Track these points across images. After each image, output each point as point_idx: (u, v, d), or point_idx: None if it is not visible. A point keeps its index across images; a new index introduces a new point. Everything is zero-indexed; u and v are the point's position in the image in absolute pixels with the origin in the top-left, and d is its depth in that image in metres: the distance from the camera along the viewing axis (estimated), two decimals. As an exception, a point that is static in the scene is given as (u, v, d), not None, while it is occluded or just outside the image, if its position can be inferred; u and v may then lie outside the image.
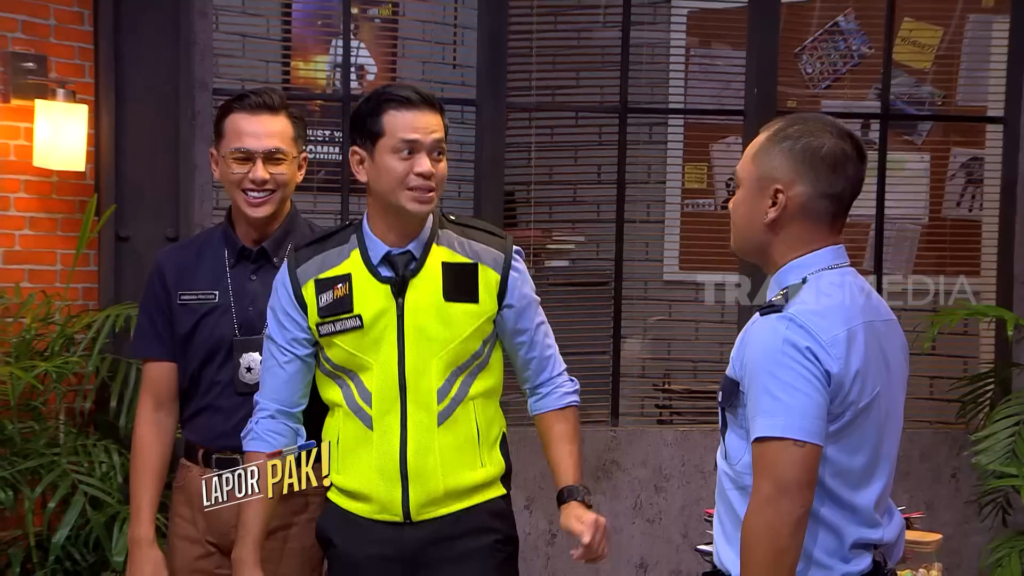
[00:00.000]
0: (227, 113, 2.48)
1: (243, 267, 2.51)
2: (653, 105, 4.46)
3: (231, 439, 2.43)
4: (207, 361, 2.49)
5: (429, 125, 2.27)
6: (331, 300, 2.32)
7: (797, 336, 1.82)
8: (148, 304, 2.56)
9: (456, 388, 2.33)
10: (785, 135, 1.94)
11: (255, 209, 2.46)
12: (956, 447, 4.09)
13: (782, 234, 1.93)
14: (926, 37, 4.43)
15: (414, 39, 4.42)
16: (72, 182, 3.70)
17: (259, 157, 2.43)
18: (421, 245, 2.32)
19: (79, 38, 3.73)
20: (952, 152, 4.47)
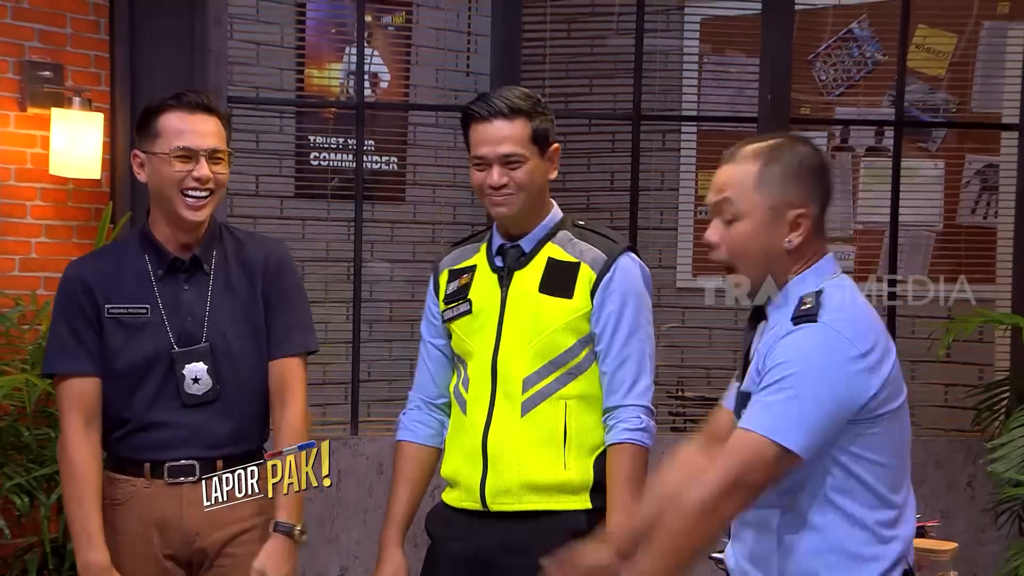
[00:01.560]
0: (160, 112, 2.38)
1: (173, 278, 2.42)
2: (666, 112, 4.46)
3: (182, 450, 2.38)
4: (143, 375, 2.39)
5: (496, 137, 2.33)
6: (456, 288, 2.44)
7: (837, 348, 1.82)
8: (70, 316, 2.40)
9: (546, 382, 2.35)
10: (776, 157, 1.91)
11: (195, 212, 2.37)
12: (971, 455, 4.07)
13: (798, 256, 1.92)
14: (941, 44, 4.42)
15: (428, 47, 4.43)
16: (88, 190, 3.72)
17: (203, 155, 2.35)
18: (533, 241, 2.40)
19: (95, 47, 3.75)
20: (967, 159, 4.46)
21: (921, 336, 4.21)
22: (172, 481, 2.38)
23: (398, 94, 4.49)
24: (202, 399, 2.39)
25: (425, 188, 4.39)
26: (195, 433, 2.38)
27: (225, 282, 2.44)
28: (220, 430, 2.40)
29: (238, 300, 2.44)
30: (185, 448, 2.38)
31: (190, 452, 2.38)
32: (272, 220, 4.09)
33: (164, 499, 2.38)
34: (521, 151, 2.33)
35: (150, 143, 2.38)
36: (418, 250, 4.30)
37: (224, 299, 2.43)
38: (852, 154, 4.49)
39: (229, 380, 2.41)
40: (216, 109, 2.41)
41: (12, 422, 3.31)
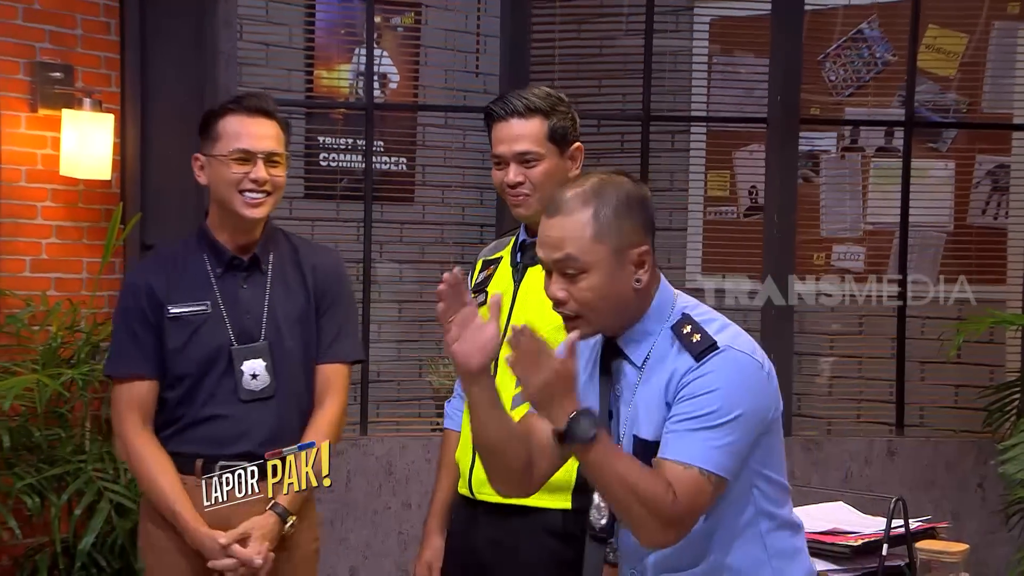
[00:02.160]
0: (221, 115, 2.46)
1: (232, 276, 2.49)
2: (675, 113, 4.46)
3: (235, 446, 2.44)
4: (205, 372, 2.45)
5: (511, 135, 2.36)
6: (482, 279, 2.51)
7: (752, 369, 1.83)
8: (131, 321, 2.47)
9: None
10: (604, 199, 1.86)
11: (253, 210, 2.44)
12: (982, 456, 4.05)
13: (646, 291, 1.88)
14: (951, 44, 4.40)
15: (437, 47, 4.43)
16: (98, 191, 3.73)
17: (260, 158, 2.43)
18: None
19: (105, 48, 3.76)
20: (977, 159, 4.44)
21: (931, 337, 4.20)
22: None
23: (407, 95, 4.49)
24: (259, 395, 2.45)
25: (434, 189, 4.40)
26: (250, 428, 2.44)
27: (282, 283, 2.51)
28: (273, 426, 2.46)
29: (293, 301, 2.50)
30: (239, 443, 2.43)
31: (243, 447, 2.42)
32: (281, 221, 4.01)
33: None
34: (536, 149, 2.35)
35: (210, 146, 2.46)
36: (427, 251, 4.30)
37: (280, 299, 2.50)
38: (862, 154, 4.48)
39: (283, 378, 2.48)
40: (275, 113, 2.47)
41: (23, 422, 3.33)
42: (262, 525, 2.41)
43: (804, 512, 2.46)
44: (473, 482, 2.39)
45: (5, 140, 3.53)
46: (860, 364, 4.40)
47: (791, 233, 4.18)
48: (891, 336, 4.26)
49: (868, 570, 2.26)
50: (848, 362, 4.43)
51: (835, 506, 2.55)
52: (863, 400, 4.39)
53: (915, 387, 4.30)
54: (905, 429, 4.26)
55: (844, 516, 2.47)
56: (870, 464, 4.14)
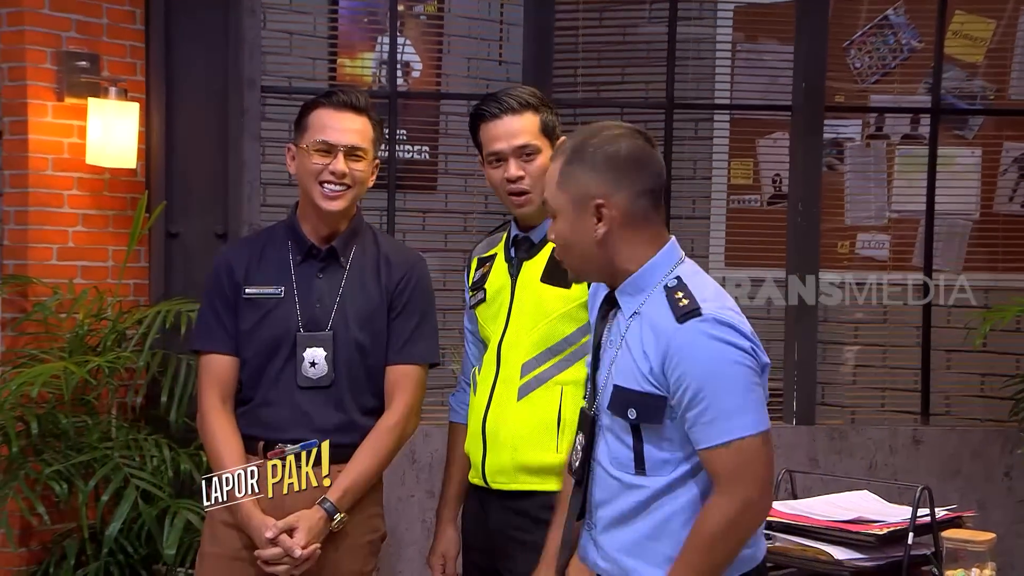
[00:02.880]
0: (312, 108, 2.53)
1: (309, 265, 2.55)
2: (699, 101, 4.44)
3: (291, 431, 2.48)
4: (271, 355, 2.51)
5: (509, 131, 2.43)
6: (479, 276, 2.58)
7: (732, 336, 1.87)
8: (213, 298, 2.56)
9: (544, 368, 2.43)
10: (580, 153, 1.95)
11: (331, 202, 2.49)
12: (1009, 445, 4.03)
13: (619, 245, 1.94)
14: (978, 30, 4.36)
15: (460, 36, 4.43)
16: (124, 179, 3.75)
17: (340, 151, 2.48)
18: (542, 232, 2.45)
19: (131, 37, 3.78)
20: (1004, 147, 4.41)
21: (957, 326, 4.17)
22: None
23: (430, 83, 4.49)
24: (316, 383, 2.50)
25: (457, 177, 4.40)
26: (305, 415, 2.49)
27: (358, 278, 2.55)
28: (329, 417, 2.49)
29: (366, 297, 2.54)
30: (294, 430, 2.47)
31: (299, 434, 2.46)
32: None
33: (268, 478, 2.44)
34: (535, 142, 2.43)
35: (299, 137, 2.53)
36: (450, 239, 4.30)
37: (354, 293, 2.54)
38: (887, 142, 4.45)
39: (344, 370, 2.51)
40: (366, 110, 2.53)
41: (51, 409, 3.35)
42: (308, 518, 2.43)
43: (829, 500, 2.46)
44: (487, 472, 2.47)
45: (32, 129, 3.55)
46: (885, 353, 4.38)
47: (815, 222, 4.16)
48: (916, 324, 4.24)
49: (894, 559, 2.26)
50: (873, 351, 4.41)
51: (860, 495, 2.55)
52: (888, 389, 4.37)
53: (940, 376, 4.28)
54: (930, 418, 4.24)
55: (869, 505, 2.47)
56: (895, 453, 4.13)
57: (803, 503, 2.44)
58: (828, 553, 2.25)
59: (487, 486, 2.48)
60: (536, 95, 2.47)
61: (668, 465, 1.91)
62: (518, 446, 2.42)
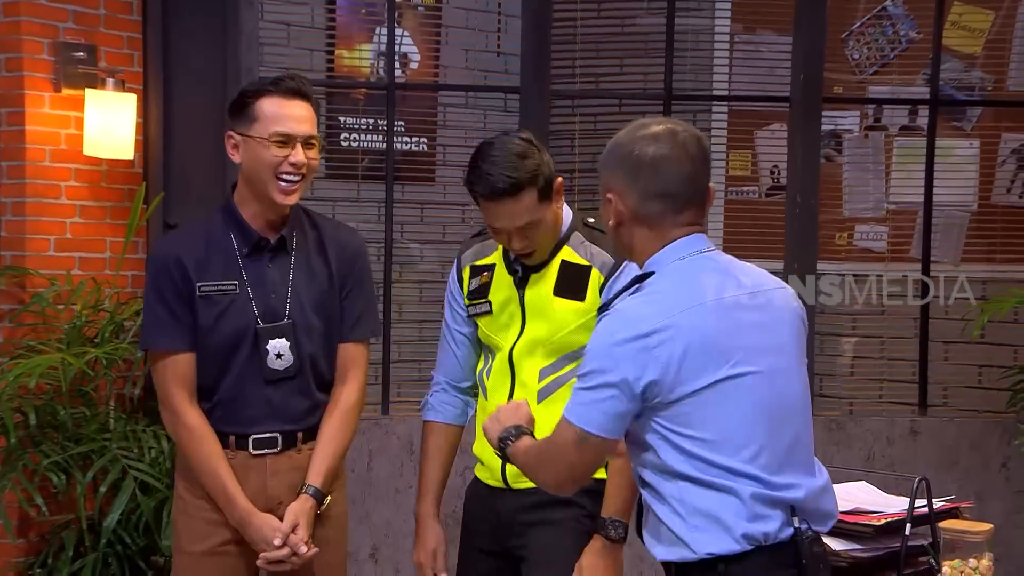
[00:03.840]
0: (258, 96, 2.44)
1: (257, 256, 2.50)
2: (697, 92, 4.43)
3: (263, 424, 2.49)
4: (232, 351, 2.47)
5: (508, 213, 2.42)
6: (478, 285, 2.58)
7: (622, 331, 1.92)
8: (165, 294, 2.47)
9: (561, 373, 2.49)
10: (613, 147, 2.03)
11: (287, 196, 2.45)
12: (1006, 436, 4.04)
13: (633, 238, 2.02)
14: (976, 21, 4.36)
15: (458, 27, 4.42)
16: (121, 170, 3.75)
17: (299, 141, 2.43)
18: (549, 246, 2.50)
19: (128, 28, 3.77)
20: (1002, 138, 4.41)
21: (955, 317, 4.17)
22: (256, 453, 2.49)
23: (428, 75, 4.48)
24: (283, 374, 2.49)
25: (455, 169, 4.39)
26: (277, 409, 2.49)
27: (305, 263, 2.53)
28: (299, 405, 2.51)
29: (316, 281, 2.53)
30: (269, 423, 2.49)
31: (273, 427, 2.49)
32: (303, 201, 4.06)
33: (248, 470, 2.48)
34: (535, 217, 2.41)
35: (246, 126, 2.44)
36: (448, 231, 4.30)
37: (304, 279, 2.52)
38: (885, 133, 4.45)
39: (307, 357, 2.51)
40: (310, 95, 2.48)
41: (48, 401, 3.35)
42: (303, 512, 2.47)
43: (827, 491, 2.46)
44: (508, 475, 2.51)
45: (29, 120, 3.54)
46: (883, 344, 4.39)
47: (813, 213, 4.16)
48: (914, 316, 4.24)
49: (891, 550, 2.26)
50: (870, 342, 4.41)
51: (858, 486, 2.55)
52: (886, 380, 4.38)
53: (938, 367, 4.28)
54: (928, 409, 4.24)
55: (867, 496, 2.47)
56: (893, 444, 4.13)
57: (801, 494, 2.44)
58: (826, 544, 2.25)
59: (507, 487, 2.52)
60: (528, 160, 2.39)
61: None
62: None
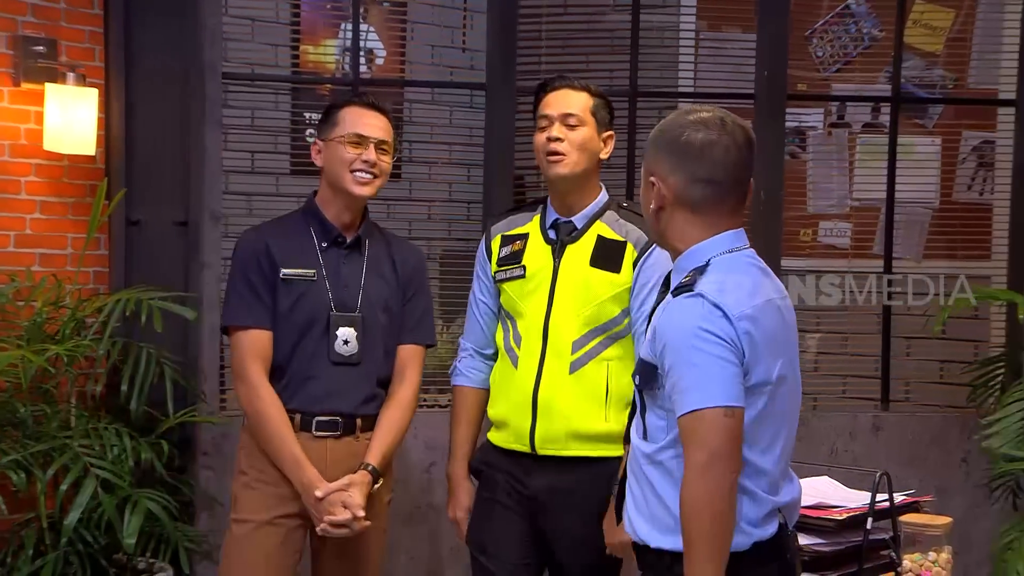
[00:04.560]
0: (342, 107, 2.84)
1: (334, 251, 2.82)
2: (663, 89, 4.44)
3: (327, 403, 2.77)
4: (305, 334, 2.76)
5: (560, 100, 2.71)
6: (509, 252, 2.79)
7: (711, 314, 1.92)
8: (250, 276, 2.77)
9: (592, 345, 2.67)
10: (660, 130, 2.07)
11: (362, 187, 2.78)
12: (967, 431, 4.08)
13: (672, 223, 2.04)
14: (938, 19, 4.40)
15: (424, 23, 4.41)
16: (83, 166, 3.71)
17: (372, 143, 2.79)
18: (584, 219, 2.73)
19: (89, 22, 3.73)
20: (963, 135, 4.45)
21: (917, 313, 4.21)
22: (318, 435, 2.77)
23: (394, 71, 4.47)
24: (347, 360, 2.78)
25: (421, 165, 4.38)
26: (339, 389, 2.78)
27: (376, 267, 2.85)
28: (360, 390, 2.80)
29: (384, 283, 2.85)
30: (331, 402, 2.77)
31: (335, 406, 2.77)
32: (268, 197, 4.08)
33: (309, 451, 2.74)
34: (580, 114, 2.68)
35: (329, 131, 2.82)
36: (414, 227, 4.28)
37: (374, 279, 2.84)
38: (849, 131, 4.48)
39: (370, 348, 2.81)
40: (387, 111, 2.88)
41: (8, 398, 3.31)
42: (360, 481, 2.73)
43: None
44: (537, 440, 2.68)
45: (-12, 115, 3.50)
46: (846, 340, 4.42)
47: (778, 209, 4.18)
48: (876, 312, 4.27)
49: (853, 543, 2.28)
50: (834, 338, 4.44)
51: (821, 480, 2.57)
52: (848, 376, 4.41)
53: (901, 363, 4.32)
54: (890, 404, 4.28)
55: (830, 490, 2.49)
56: (855, 439, 4.17)
57: (764, 489, 2.45)
58: (789, 538, 2.26)
59: (534, 452, 2.69)
60: (598, 91, 2.74)
61: (660, 432, 2.00)
62: (571, 416, 2.66)
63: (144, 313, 3.42)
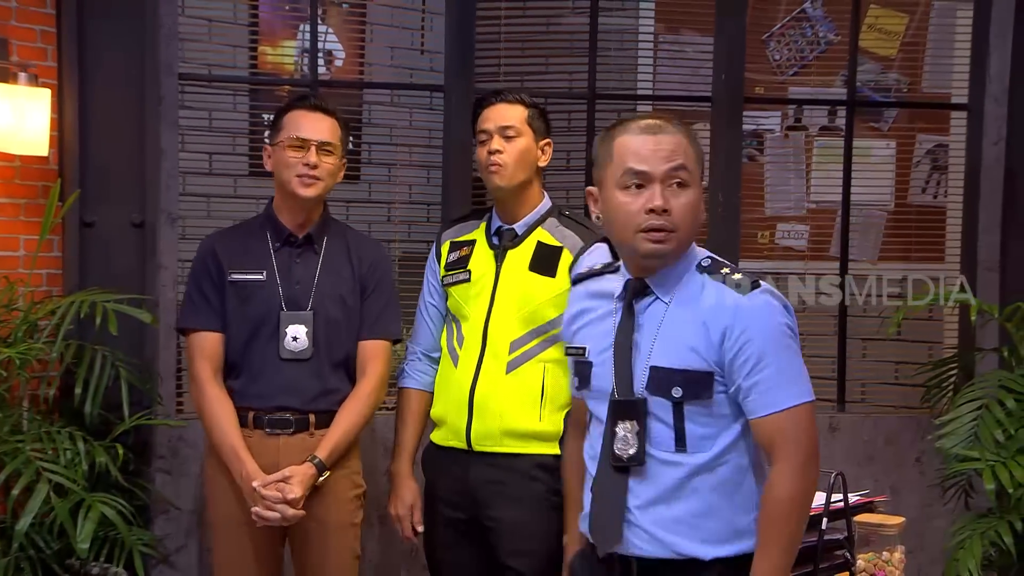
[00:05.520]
0: (287, 111, 2.91)
1: (287, 251, 2.90)
2: (622, 91, 4.46)
3: (278, 400, 2.84)
4: (255, 333, 2.83)
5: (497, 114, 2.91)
6: (457, 258, 2.92)
7: (787, 309, 2.01)
8: (201, 280, 2.89)
9: (529, 346, 2.79)
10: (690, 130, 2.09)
11: (306, 189, 2.84)
12: (921, 431, 4.12)
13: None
14: (892, 24, 4.45)
15: (382, 24, 4.39)
16: (35, 167, 3.67)
17: (313, 145, 2.84)
18: (525, 226, 2.87)
19: (41, 21, 3.69)
20: (918, 139, 4.50)
21: (872, 315, 4.25)
22: (271, 432, 2.84)
23: (353, 72, 4.45)
24: (297, 356, 2.84)
25: (380, 167, 4.36)
26: (290, 386, 2.84)
27: (331, 264, 2.91)
28: (311, 386, 2.85)
29: (340, 280, 2.90)
30: (282, 398, 2.83)
31: (286, 402, 2.83)
32: (226, 199, 4.05)
33: (262, 449, 2.82)
34: (517, 126, 2.83)
35: (275, 136, 2.92)
36: (373, 229, 4.27)
37: (329, 276, 2.89)
38: (805, 133, 4.52)
39: (322, 345, 2.87)
40: (334, 112, 2.93)
41: (-41, 402, 3.26)
42: (300, 472, 2.79)
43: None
44: (473, 437, 2.81)
45: (-62, 115, 3.45)
46: (803, 341, 4.44)
47: (736, 212, 4.21)
48: (832, 314, 4.31)
49: (808, 544, 2.29)
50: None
51: (776, 480, 2.58)
52: (805, 377, 4.43)
53: (856, 364, 4.36)
54: (846, 405, 4.32)
55: (784, 490, 2.50)
56: (812, 440, 4.19)
57: (720, 489, 2.47)
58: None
59: (469, 449, 2.82)
60: (532, 101, 2.93)
61: (707, 441, 1.96)
62: (505, 414, 2.78)
63: (99, 316, 3.39)
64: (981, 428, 3.51)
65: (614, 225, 2.02)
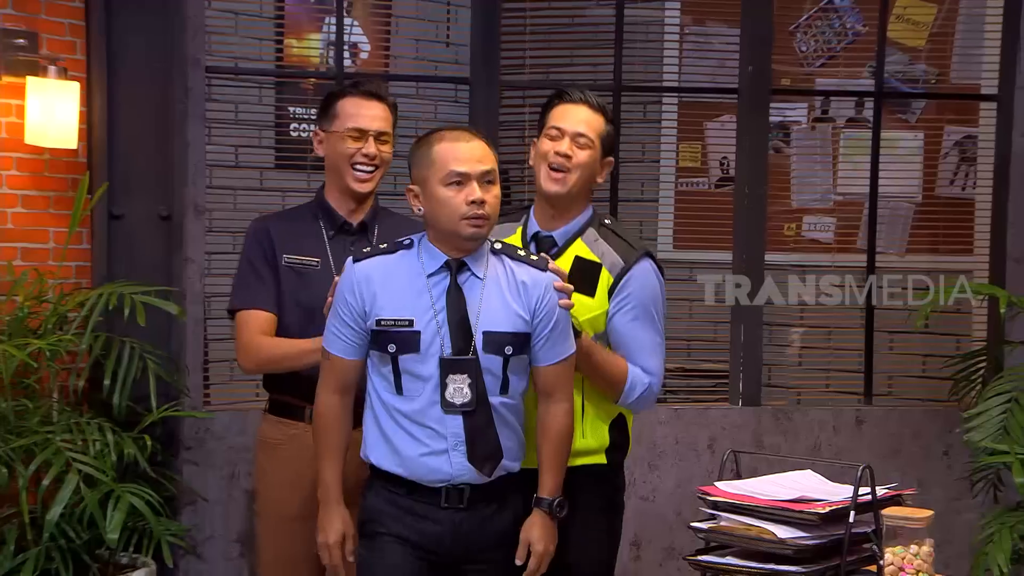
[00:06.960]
0: (339, 97, 2.84)
1: (341, 239, 2.84)
2: (647, 83, 4.45)
3: None
4: (311, 320, 2.74)
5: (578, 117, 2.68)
6: None
7: None
8: (254, 260, 2.82)
9: None
10: None
11: (362, 184, 2.82)
12: (948, 425, 4.10)
13: None
14: (920, 15, 4.42)
15: (407, 17, 4.40)
16: (64, 160, 3.69)
17: (371, 135, 2.81)
18: (565, 236, 2.70)
19: (70, 14, 3.71)
20: (946, 130, 4.47)
21: (899, 308, 4.23)
22: None
23: (378, 65, 4.46)
24: None
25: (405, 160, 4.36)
26: None
27: None
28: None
29: None
30: None
31: None
32: (252, 191, 4.07)
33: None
34: (592, 136, 2.65)
35: (328, 123, 2.84)
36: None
37: None
38: (832, 125, 4.50)
39: None
40: (386, 97, 2.88)
41: (-10, 393, 3.29)
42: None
43: (773, 480, 2.49)
44: None
45: (-32, 108, 3.48)
46: (829, 334, 4.44)
47: (762, 204, 4.19)
48: (860, 307, 4.29)
49: (835, 537, 2.29)
50: (817, 332, 4.46)
51: (804, 474, 2.57)
52: (832, 370, 4.43)
53: (883, 357, 4.34)
54: (873, 399, 4.30)
55: (812, 484, 2.49)
56: (838, 433, 4.18)
57: (748, 483, 2.46)
58: (771, 532, 2.27)
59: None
60: (611, 119, 2.74)
61: (520, 385, 2.48)
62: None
63: (127, 307, 3.41)
64: (1010, 421, 3.48)
65: (440, 215, 2.43)
